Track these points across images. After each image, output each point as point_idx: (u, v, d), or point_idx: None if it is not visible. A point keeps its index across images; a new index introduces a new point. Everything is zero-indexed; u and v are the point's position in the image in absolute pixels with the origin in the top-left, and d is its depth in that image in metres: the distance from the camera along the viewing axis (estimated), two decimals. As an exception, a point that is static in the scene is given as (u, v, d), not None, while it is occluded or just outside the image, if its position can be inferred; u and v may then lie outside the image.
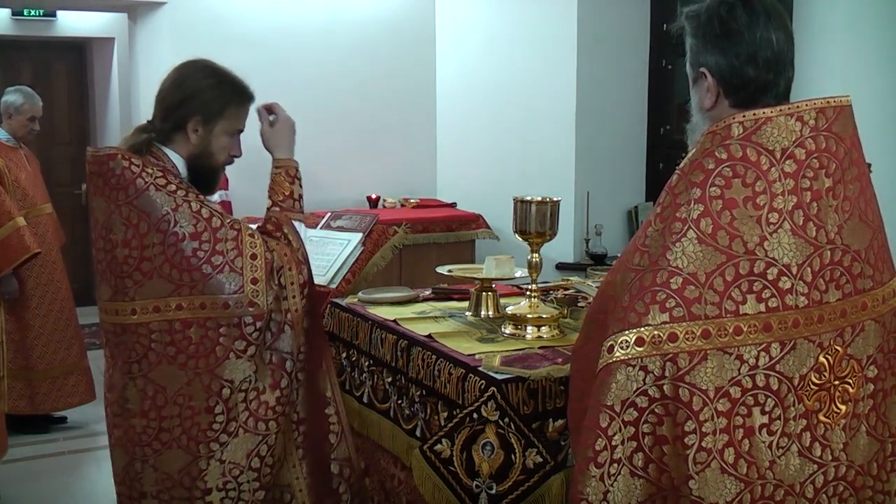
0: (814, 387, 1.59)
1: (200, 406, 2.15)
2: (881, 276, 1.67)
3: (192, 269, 2.11)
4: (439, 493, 2.03)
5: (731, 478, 1.54)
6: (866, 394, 1.65)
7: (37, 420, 4.84)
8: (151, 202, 2.11)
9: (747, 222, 1.56)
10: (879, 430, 1.68)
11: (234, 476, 2.20)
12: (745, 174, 1.57)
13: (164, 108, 2.24)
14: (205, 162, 2.25)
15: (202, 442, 2.17)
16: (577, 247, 5.61)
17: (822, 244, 1.58)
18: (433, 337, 2.35)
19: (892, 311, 1.68)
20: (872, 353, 1.65)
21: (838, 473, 1.62)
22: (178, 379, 2.15)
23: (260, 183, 6.06)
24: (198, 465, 2.17)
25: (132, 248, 2.11)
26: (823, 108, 1.62)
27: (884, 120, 4.58)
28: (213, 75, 2.26)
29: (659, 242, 1.59)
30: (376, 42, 6.06)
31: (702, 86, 1.72)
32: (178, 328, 2.13)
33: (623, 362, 1.56)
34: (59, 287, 4.78)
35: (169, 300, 2.12)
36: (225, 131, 2.25)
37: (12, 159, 4.68)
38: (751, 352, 1.55)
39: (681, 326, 1.54)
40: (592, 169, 5.61)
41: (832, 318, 1.60)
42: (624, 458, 1.57)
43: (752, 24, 1.68)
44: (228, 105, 2.25)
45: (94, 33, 7.66)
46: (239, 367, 2.16)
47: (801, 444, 1.59)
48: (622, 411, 1.56)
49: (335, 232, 3.21)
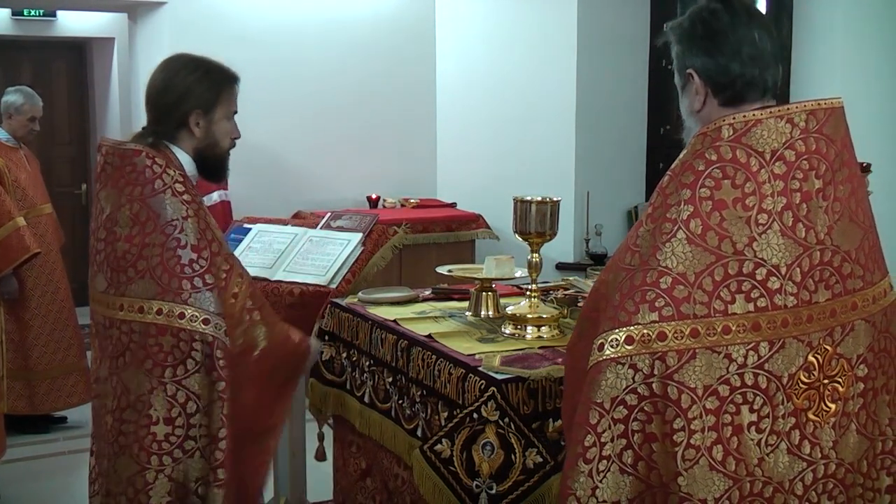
0: (803, 385, 1.61)
1: (159, 415, 2.09)
2: (871, 276, 1.68)
3: (183, 277, 2.09)
4: (439, 493, 2.03)
5: (720, 475, 1.56)
6: (856, 392, 1.67)
7: (37, 420, 4.84)
8: (164, 205, 2.11)
9: (736, 223, 1.57)
10: (870, 428, 1.69)
11: (178, 497, 2.12)
12: (735, 175, 1.59)
13: (158, 111, 2.25)
14: (212, 151, 2.29)
15: (154, 454, 2.09)
16: (577, 247, 5.61)
17: (811, 245, 1.60)
18: (433, 337, 2.35)
19: (882, 311, 1.70)
20: (863, 352, 1.67)
21: (828, 471, 1.64)
22: (141, 384, 2.10)
23: (260, 183, 6.09)
24: (144, 477, 2.09)
25: (133, 244, 2.11)
26: (814, 110, 1.64)
27: (884, 120, 4.58)
28: (197, 68, 2.28)
29: (649, 242, 1.61)
30: (376, 41, 6.06)
31: (690, 89, 1.76)
32: (153, 332, 2.09)
33: (613, 360, 1.58)
34: (58, 287, 4.78)
35: (152, 303, 2.10)
36: (224, 116, 2.29)
37: (12, 159, 4.68)
38: (739, 350, 1.56)
39: (670, 325, 1.56)
40: (592, 169, 5.61)
41: (821, 317, 1.61)
42: (613, 455, 1.58)
43: (734, 24, 1.72)
44: (221, 91, 2.28)
45: (94, 33, 7.66)
46: (206, 385, 2.11)
47: (790, 442, 1.61)
48: (612, 409, 1.58)
49: (335, 232, 3.21)
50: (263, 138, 5.56)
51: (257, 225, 3.36)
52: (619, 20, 5.62)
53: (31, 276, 4.63)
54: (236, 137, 2.34)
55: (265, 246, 3.22)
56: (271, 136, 5.66)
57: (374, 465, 2.62)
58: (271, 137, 5.66)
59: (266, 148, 5.65)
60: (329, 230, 3.23)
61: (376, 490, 2.62)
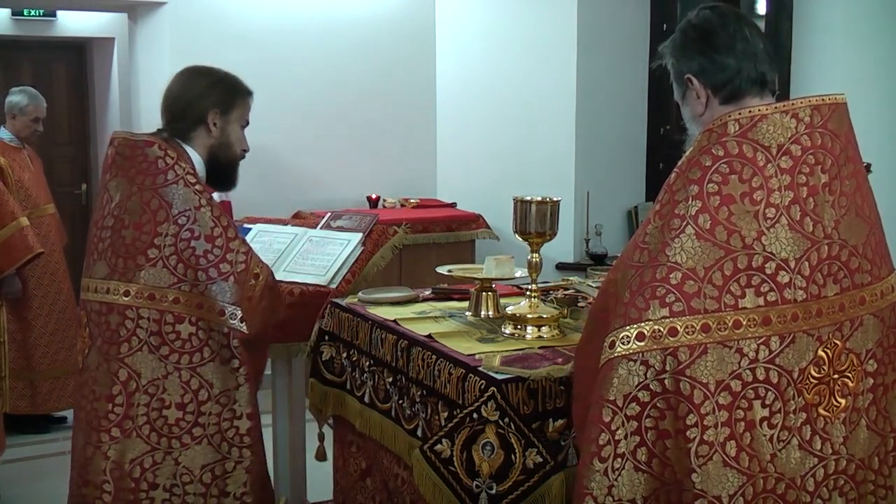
0: (813, 380, 1.61)
1: (173, 401, 2.15)
2: (879, 271, 1.69)
3: (198, 268, 2.12)
4: (439, 493, 2.03)
5: (734, 471, 1.56)
6: (866, 388, 1.67)
7: (37, 420, 4.85)
8: (177, 195, 2.14)
9: (745, 217, 1.58)
10: (880, 424, 1.69)
11: (183, 482, 2.19)
12: (742, 170, 1.59)
13: (175, 112, 2.28)
14: (225, 154, 2.33)
15: (164, 436, 2.17)
16: (577, 247, 5.61)
17: (819, 239, 1.60)
18: (433, 337, 2.35)
19: (890, 307, 1.70)
20: (871, 347, 1.67)
21: (838, 467, 1.64)
22: (155, 369, 2.15)
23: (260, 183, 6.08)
24: (152, 457, 2.17)
25: (143, 231, 2.13)
26: (818, 106, 1.64)
27: (884, 120, 4.58)
28: (214, 74, 2.37)
29: (658, 239, 1.61)
30: (376, 41, 6.06)
31: (690, 95, 1.78)
32: (169, 321, 2.13)
33: (624, 357, 1.58)
34: (60, 287, 4.79)
35: (167, 291, 2.13)
36: (238, 121, 2.35)
37: (15, 159, 4.69)
38: (750, 345, 1.56)
39: (680, 321, 1.56)
40: (592, 169, 5.61)
41: (830, 312, 1.62)
42: (627, 453, 1.59)
43: (724, 23, 1.75)
44: (237, 96, 2.36)
45: (94, 33, 7.66)
46: (220, 374, 2.16)
47: (802, 438, 1.60)
48: (624, 406, 1.58)
49: (335, 232, 3.21)
50: (263, 138, 5.55)
51: (257, 225, 3.36)
52: (619, 20, 5.62)
53: (33, 276, 4.64)
54: (245, 150, 2.38)
55: (265, 246, 3.22)
56: (271, 136, 5.66)
57: (374, 465, 2.62)
58: (271, 137, 5.66)
59: (266, 148, 5.65)
60: (329, 230, 3.23)
61: (376, 490, 2.62)
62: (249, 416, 2.21)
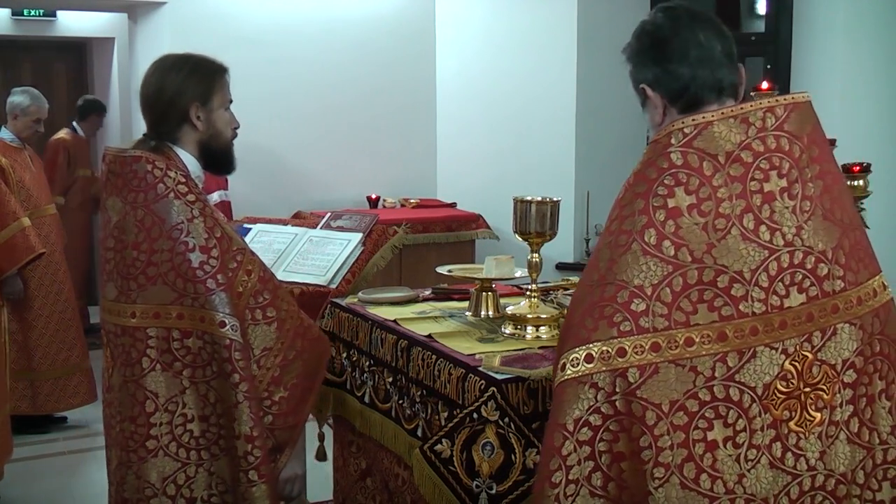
0: (781, 395, 1.54)
1: (195, 413, 2.14)
2: (855, 276, 1.60)
3: (196, 280, 2.10)
4: (439, 494, 2.03)
5: (694, 493, 1.50)
6: (844, 400, 1.59)
7: (37, 420, 4.84)
8: (168, 209, 2.11)
9: (693, 230, 1.52)
10: (866, 436, 1.61)
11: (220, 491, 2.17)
12: (688, 181, 1.54)
13: (157, 114, 2.26)
14: (216, 142, 2.29)
15: (192, 449, 2.15)
16: (577, 247, 5.61)
17: (778, 247, 1.54)
18: (433, 337, 2.35)
19: (872, 313, 1.61)
20: (849, 357, 1.59)
21: (815, 483, 1.57)
22: (172, 386, 2.13)
23: (259, 183, 6.09)
24: (185, 473, 2.15)
25: (141, 250, 2.12)
26: (772, 107, 1.58)
27: (884, 120, 4.59)
28: (185, 64, 2.29)
29: (607, 256, 1.57)
30: (376, 41, 6.06)
31: (649, 104, 1.73)
32: (177, 336, 2.12)
33: (574, 380, 1.53)
34: (61, 288, 4.79)
35: (170, 308, 2.11)
36: (221, 105, 2.29)
37: (17, 160, 4.69)
38: (706, 363, 1.51)
39: (629, 340, 1.51)
40: (592, 169, 5.61)
41: (797, 322, 1.55)
42: (582, 478, 1.54)
43: (676, 28, 1.70)
44: (213, 82, 2.28)
45: (94, 33, 7.67)
46: (224, 390, 2.13)
47: (772, 455, 1.54)
48: (576, 430, 1.53)
49: (335, 232, 3.21)
50: (263, 138, 5.57)
51: (257, 225, 3.36)
52: (619, 20, 5.61)
53: (34, 276, 4.64)
54: (236, 127, 2.35)
55: (265, 246, 3.22)
56: (271, 136, 5.66)
57: (374, 465, 2.62)
58: (271, 137, 5.67)
59: (266, 148, 5.65)
60: (329, 230, 3.23)
61: (376, 490, 2.62)
62: (248, 438, 2.11)
